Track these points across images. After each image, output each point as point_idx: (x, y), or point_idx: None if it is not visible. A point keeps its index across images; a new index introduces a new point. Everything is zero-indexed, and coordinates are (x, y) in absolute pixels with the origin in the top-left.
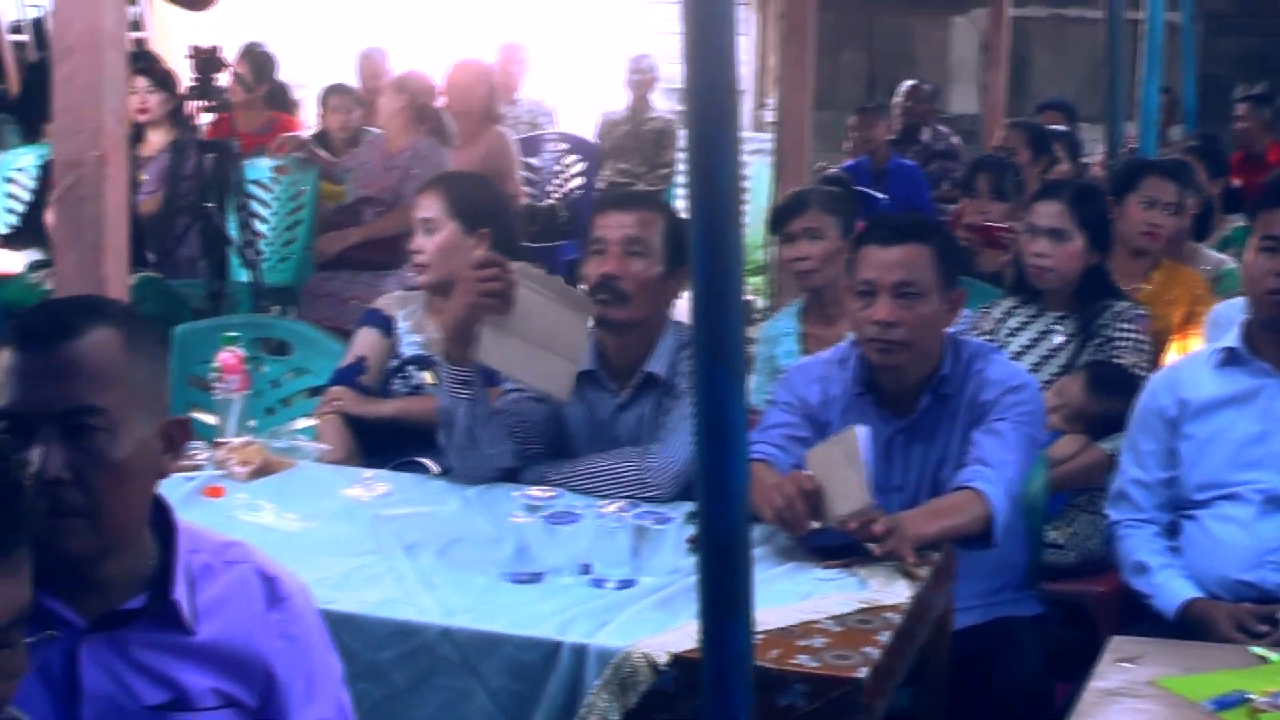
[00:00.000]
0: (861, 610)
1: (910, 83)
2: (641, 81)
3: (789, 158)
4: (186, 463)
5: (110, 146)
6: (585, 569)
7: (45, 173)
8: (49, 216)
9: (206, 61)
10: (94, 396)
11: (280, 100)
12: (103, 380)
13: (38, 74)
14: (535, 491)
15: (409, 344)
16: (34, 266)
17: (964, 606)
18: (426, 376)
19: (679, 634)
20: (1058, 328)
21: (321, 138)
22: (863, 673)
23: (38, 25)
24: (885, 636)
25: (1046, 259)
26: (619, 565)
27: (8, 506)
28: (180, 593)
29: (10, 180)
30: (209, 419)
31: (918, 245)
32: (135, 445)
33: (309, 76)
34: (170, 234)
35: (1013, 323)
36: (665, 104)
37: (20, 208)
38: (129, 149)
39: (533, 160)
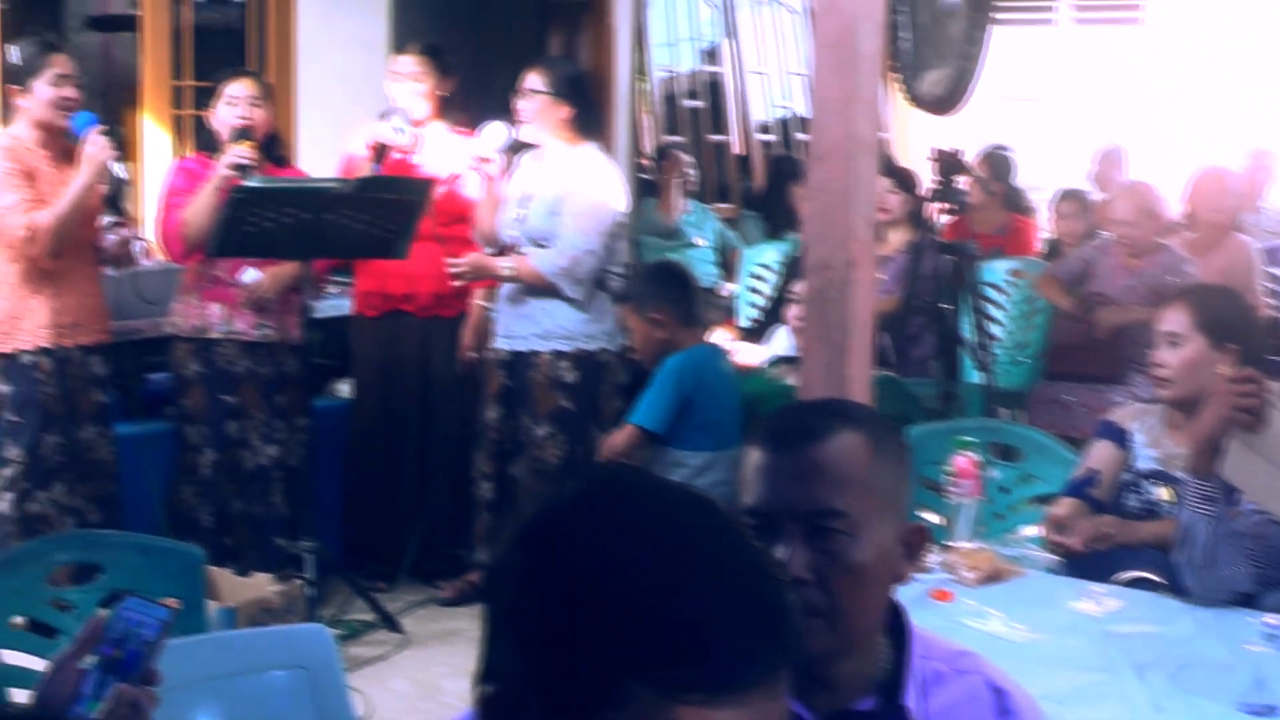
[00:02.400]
0: None
1: None
2: None
3: None
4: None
5: (859, 251)
6: None
7: (788, 270)
8: (792, 313)
9: (949, 164)
10: (838, 500)
11: (1016, 203)
12: (847, 484)
13: (781, 172)
14: (1273, 619)
15: (1145, 458)
16: (775, 362)
17: None
18: (1161, 493)
19: None
20: None
21: (1053, 245)
22: None
23: (785, 125)
24: None
25: None
26: None
27: (783, 627)
28: (911, 698)
29: (754, 275)
30: (938, 521)
31: None
32: (876, 550)
33: (1044, 180)
34: (905, 333)
35: None
36: None
37: (762, 302)
38: None
39: (1277, 270)
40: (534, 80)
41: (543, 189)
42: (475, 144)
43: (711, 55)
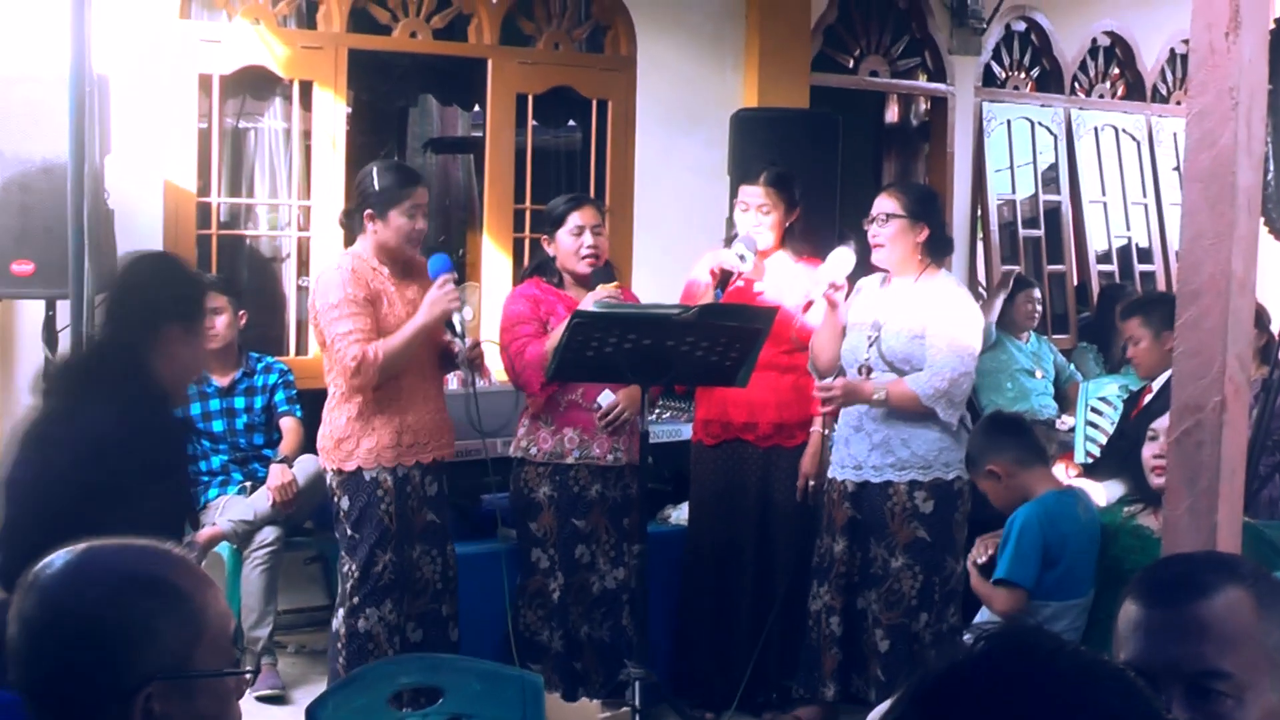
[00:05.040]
0: None
1: None
2: None
3: None
4: None
5: (1231, 392)
6: None
7: (1129, 404)
8: (1148, 451)
9: None
10: (1222, 660)
11: None
12: (1232, 644)
13: (1108, 298)
14: None
15: None
16: (1123, 501)
17: None
18: None
19: None
20: None
21: None
22: None
23: (1124, 255)
24: None
25: None
26: None
27: None
28: None
29: (1093, 409)
30: None
31: None
32: (1261, 714)
33: None
34: (1254, 473)
35: None
36: None
37: (1101, 438)
38: None
39: None
40: (888, 203)
41: (898, 314)
42: (824, 270)
43: (1050, 182)
